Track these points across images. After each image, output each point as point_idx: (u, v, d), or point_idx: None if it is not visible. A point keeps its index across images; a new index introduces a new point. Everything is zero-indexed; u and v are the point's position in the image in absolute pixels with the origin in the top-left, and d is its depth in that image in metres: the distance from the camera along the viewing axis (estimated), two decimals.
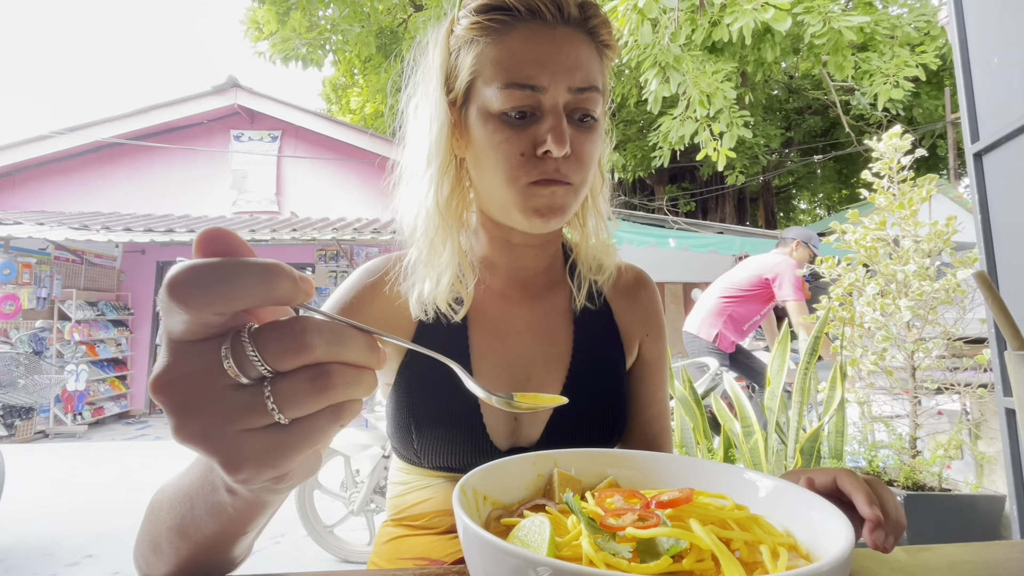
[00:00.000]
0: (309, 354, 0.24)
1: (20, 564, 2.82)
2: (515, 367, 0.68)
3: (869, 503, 0.46)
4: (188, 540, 0.39)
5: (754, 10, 4.11)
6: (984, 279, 0.51)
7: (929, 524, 2.18)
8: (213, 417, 0.24)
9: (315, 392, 0.24)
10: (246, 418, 0.24)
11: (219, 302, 0.23)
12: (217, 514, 0.36)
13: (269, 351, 0.24)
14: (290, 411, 0.24)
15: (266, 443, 0.24)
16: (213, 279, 0.23)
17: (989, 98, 1.57)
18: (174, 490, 0.41)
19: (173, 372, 0.24)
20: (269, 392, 0.24)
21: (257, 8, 6.51)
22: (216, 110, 7.85)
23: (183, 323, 0.24)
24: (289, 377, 0.24)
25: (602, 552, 0.32)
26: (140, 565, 0.45)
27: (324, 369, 0.24)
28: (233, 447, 0.24)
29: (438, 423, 0.64)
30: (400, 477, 0.70)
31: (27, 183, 7.69)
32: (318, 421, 0.25)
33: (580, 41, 0.61)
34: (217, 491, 0.34)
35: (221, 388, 0.24)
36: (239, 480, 0.25)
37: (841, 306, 2.76)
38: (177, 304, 0.23)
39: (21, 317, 6.25)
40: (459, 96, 0.63)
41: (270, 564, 2.84)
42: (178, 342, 0.24)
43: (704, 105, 4.78)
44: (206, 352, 0.24)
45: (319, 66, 7.71)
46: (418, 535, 0.66)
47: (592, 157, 0.62)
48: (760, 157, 11.20)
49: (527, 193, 0.60)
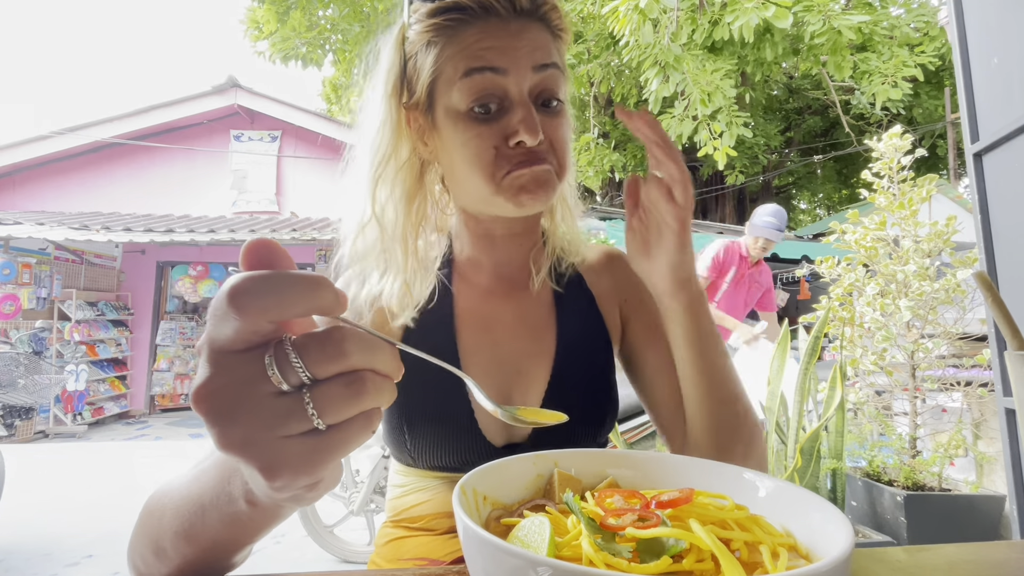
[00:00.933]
0: (346, 361, 0.25)
1: (20, 564, 2.82)
2: (504, 362, 0.68)
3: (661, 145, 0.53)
4: (195, 546, 0.39)
5: (755, 8, 4.11)
6: (984, 279, 0.51)
7: (929, 524, 2.18)
8: (255, 424, 0.25)
9: (350, 397, 0.25)
10: (287, 424, 0.25)
11: (273, 310, 0.24)
12: (231, 524, 0.36)
13: (311, 358, 0.25)
14: (328, 416, 0.25)
15: (304, 449, 0.25)
16: (268, 289, 0.24)
17: (989, 98, 1.57)
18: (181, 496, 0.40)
19: (215, 382, 0.25)
20: (309, 398, 0.25)
21: (257, 8, 6.51)
22: (216, 110, 7.86)
23: (233, 331, 0.25)
24: (327, 384, 0.25)
25: (602, 552, 0.32)
26: (137, 566, 0.45)
27: (359, 376, 0.26)
28: (273, 453, 0.25)
29: (430, 423, 0.64)
30: (398, 479, 0.70)
31: (27, 183, 7.70)
32: (352, 427, 0.26)
33: (535, 28, 0.62)
34: (235, 502, 0.34)
35: (263, 396, 0.25)
36: (276, 487, 0.25)
37: (841, 306, 2.76)
38: (235, 312, 0.24)
39: (21, 317, 6.26)
40: (422, 100, 0.63)
41: (270, 564, 2.85)
42: (221, 352, 0.25)
43: (704, 103, 4.78)
44: (249, 361, 0.25)
45: (319, 65, 7.71)
46: (417, 536, 0.66)
47: (566, 141, 0.63)
48: (760, 157, 11.20)
49: (508, 180, 0.60)
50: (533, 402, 0.67)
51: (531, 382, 0.68)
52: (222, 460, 0.37)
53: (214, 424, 0.25)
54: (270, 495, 0.28)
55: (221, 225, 6.80)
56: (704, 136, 4.99)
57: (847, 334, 2.71)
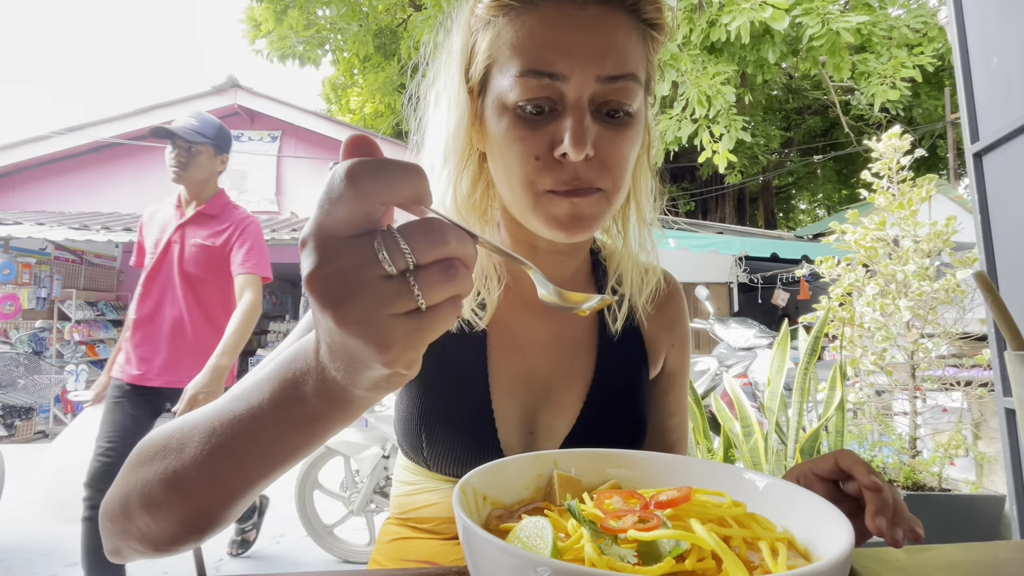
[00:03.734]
0: (446, 247, 0.28)
1: (20, 564, 2.82)
2: (533, 381, 0.65)
3: (868, 473, 0.46)
4: (239, 462, 0.36)
5: (752, 9, 4.11)
6: (984, 279, 0.51)
7: (929, 524, 2.17)
8: (368, 304, 0.27)
9: (447, 281, 0.28)
10: (396, 303, 0.27)
11: (386, 192, 0.27)
12: (299, 427, 0.35)
13: (416, 244, 0.27)
14: (431, 297, 0.28)
15: (410, 326, 0.28)
16: (381, 172, 0.27)
17: (989, 98, 1.57)
18: (214, 419, 0.38)
19: (328, 267, 0.27)
20: (414, 281, 0.27)
21: (255, 7, 6.51)
22: (216, 110, 7.85)
23: (348, 213, 0.27)
24: (427, 269, 0.28)
25: (606, 557, 0.32)
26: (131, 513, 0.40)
27: (452, 263, 0.28)
28: (386, 329, 0.27)
29: (450, 431, 0.62)
30: (406, 476, 0.68)
31: (27, 183, 7.69)
32: (444, 309, 0.29)
33: (616, 22, 0.52)
34: (305, 403, 0.34)
35: (374, 278, 0.27)
36: (386, 360, 0.28)
37: (841, 306, 2.76)
38: (353, 191, 0.26)
39: (21, 317, 6.26)
40: (476, 85, 0.58)
41: (270, 564, 2.85)
42: (331, 238, 0.27)
43: (703, 104, 4.78)
44: (360, 246, 0.27)
45: (316, 64, 7.71)
46: (423, 538, 0.65)
47: (624, 159, 0.55)
48: (760, 157, 11.20)
49: (544, 202, 0.54)
50: (562, 428, 0.64)
51: (561, 405, 0.65)
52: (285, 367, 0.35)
53: (328, 304, 0.27)
54: (368, 377, 0.30)
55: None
56: (704, 139, 4.99)
57: (847, 334, 2.71)
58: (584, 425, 0.64)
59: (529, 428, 0.64)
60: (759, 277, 7.67)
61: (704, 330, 4.79)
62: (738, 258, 7.65)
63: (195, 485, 0.38)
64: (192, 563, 2.80)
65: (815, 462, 0.50)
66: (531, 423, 0.64)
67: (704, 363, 4.28)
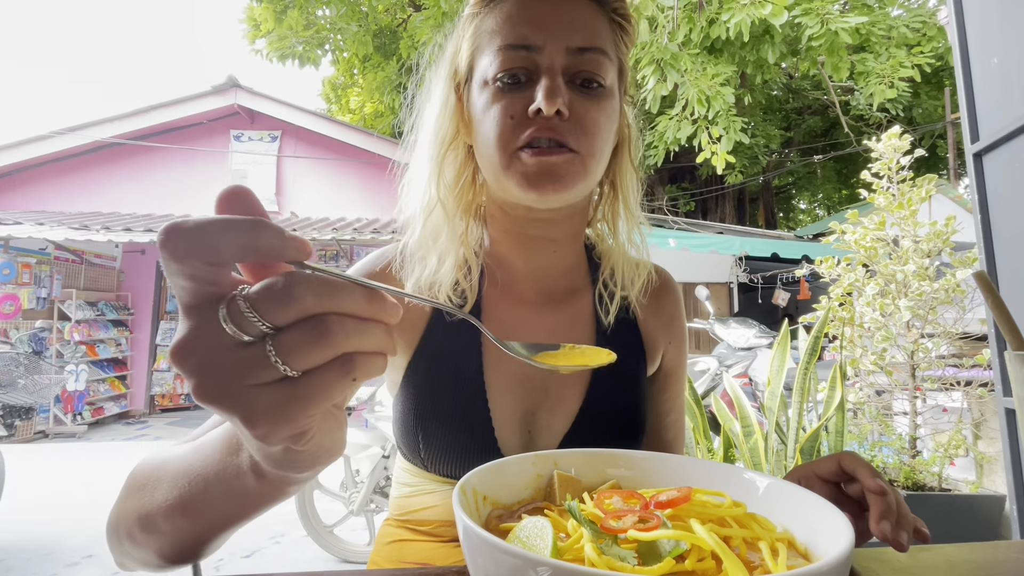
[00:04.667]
0: (299, 305, 0.25)
1: (20, 564, 2.82)
2: (531, 380, 0.64)
3: (873, 475, 0.46)
4: (193, 519, 0.38)
5: (751, 5, 4.11)
6: (984, 279, 0.51)
7: (929, 524, 2.16)
8: (225, 375, 0.25)
9: (313, 342, 0.25)
10: (254, 373, 0.25)
11: (204, 252, 0.24)
12: (237, 497, 0.35)
13: (262, 306, 0.24)
14: (294, 363, 0.25)
15: (279, 397, 0.25)
16: (198, 231, 0.24)
17: (989, 98, 1.57)
18: (179, 468, 0.40)
19: (186, 338, 0.25)
20: (271, 346, 0.25)
21: (255, 7, 6.51)
22: (216, 110, 7.85)
23: (182, 279, 0.25)
24: (288, 331, 0.25)
25: (606, 557, 0.32)
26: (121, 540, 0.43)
27: (321, 319, 0.25)
28: (248, 402, 0.25)
29: (447, 432, 0.62)
30: (405, 478, 0.67)
31: (27, 183, 7.69)
32: (327, 373, 0.26)
33: (583, 4, 0.58)
34: (242, 476, 0.34)
35: (228, 348, 0.25)
36: (258, 435, 0.25)
37: (841, 306, 2.76)
38: (169, 255, 0.24)
39: (21, 317, 6.25)
40: (463, 77, 0.62)
41: (270, 564, 2.85)
42: (187, 307, 0.26)
43: (702, 104, 4.78)
44: (208, 315, 0.25)
45: (316, 65, 7.71)
46: (423, 541, 0.65)
47: (598, 125, 0.57)
48: (760, 157, 11.20)
49: (516, 162, 0.56)
50: (560, 426, 0.64)
51: (559, 404, 0.65)
52: (228, 433, 0.36)
53: (189, 377, 0.25)
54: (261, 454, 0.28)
55: None
56: (703, 140, 4.99)
57: (847, 334, 2.71)
58: (583, 423, 0.64)
59: (527, 427, 0.64)
60: (759, 277, 7.66)
61: (704, 330, 4.79)
62: (738, 258, 7.64)
63: (162, 528, 0.40)
64: None
65: (817, 463, 0.50)
66: (529, 421, 0.64)
67: (704, 363, 4.28)
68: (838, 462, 0.49)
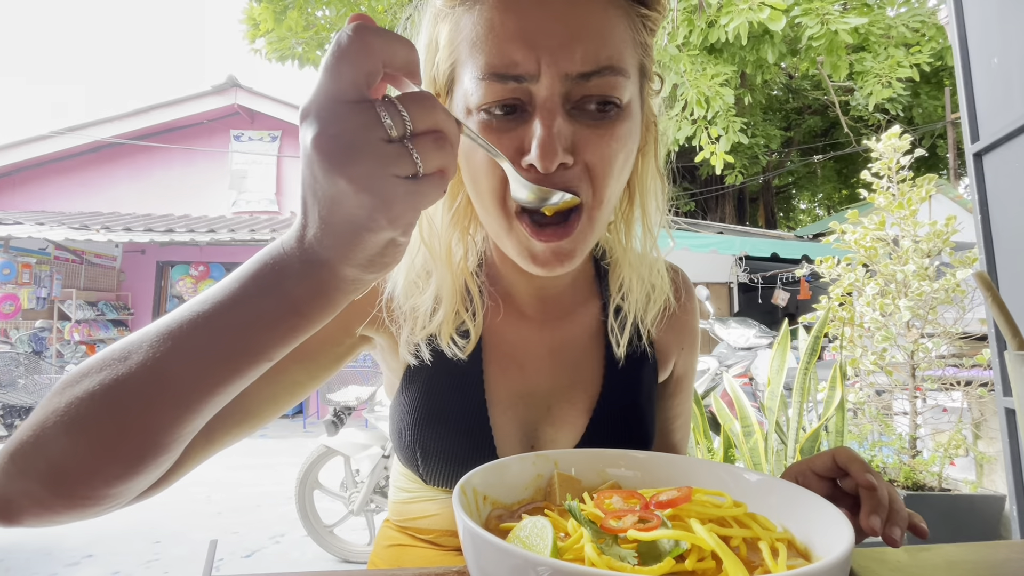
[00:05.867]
0: (437, 117, 0.31)
1: (20, 564, 2.82)
2: (533, 396, 0.61)
3: (865, 471, 0.46)
4: (194, 361, 0.33)
5: (750, 9, 4.11)
6: (984, 279, 0.51)
7: (929, 524, 2.17)
8: (373, 164, 0.29)
9: (438, 149, 0.31)
10: (398, 164, 0.30)
11: (388, 51, 0.30)
12: (268, 321, 0.32)
13: (413, 111, 0.30)
14: (426, 162, 0.30)
15: (409, 188, 0.30)
16: (385, 33, 0.30)
17: (989, 98, 1.57)
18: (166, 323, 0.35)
19: (333, 128, 0.29)
20: (412, 146, 0.30)
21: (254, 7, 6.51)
22: (216, 110, 7.86)
23: (353, 71, 0.29)
24: (422, 137, 0.31)
25: (606, 557, 0.32)
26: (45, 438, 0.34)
27: (443, 133, 0.31)
28: (390, 188, 0.30)
29: (446, 449, 0.59)
30: (404, 483, 0.65)
31: (27, 183, 7.69)
32: (434, 179, 0.31)
33: (589, 2, 0.45)
34: (286, 290, 0.32)
35: (377, 141, 0.29)
36: (390, 217, 0.30)
37: (841, 306, 2.76)
38: (360, 44, 0.29)
39: (21, 317, 6.26)
40: (442, 89, 0.52)
41: (270, 564, 2.85)
42: (336, 101, 0.29)
43: (701, 106, 4.78)
44: (362, 111, 0.29)
45: (316, 65, 7.70)
46: (423, 548, 0.63)
47: (609, 163, 0.47)
48: (760, 157, 11.20)
49: (518, 231, 0.49)
50: (566, 443, 0.61)
51: (564, 421, 0.61)
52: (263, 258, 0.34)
53: (336, 164, 0.29)
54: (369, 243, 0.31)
55: (221, 225, 6.79)
56: (702, 140, 4.99)
57: (847, 334, 2.71)
58: (590, 440, 0.61)
59: (530, 444, 0.61)
60: (759, 277, 7.66)
61: (704, 330, 4.80)
62: (738, 258, 7.65)
63: (135, 394, 0.33)
64: (192, 564, 2.80)
65: (813, 460, 0.50)
66: (532, 439, 0.61)
67: (704, 363, 4.28)
68: (832, 457, 0.49)
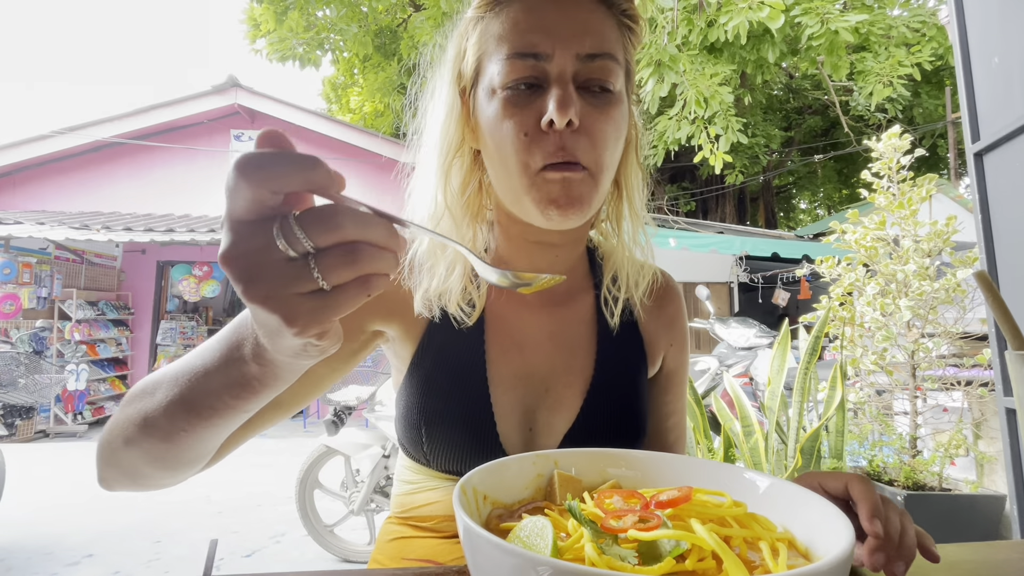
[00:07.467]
0: (340, 232, 0.30)
1: (20, 564, 2.82)
2: (532, 378, 0.65)
3: (871, 516, 0.43)
4: (192, 412, 0.42)
5: (749, 8, 4.11)
6: (984, 279, 0.51)
7: (929, 524, 2.18)
8: (273, 283, 0.30)
9: (347, 264, 0.30)
10: (297, 283, 0.30)
11: (273, 180, 0.29)
12: (236, 386, 0.39)
13: (311, 230, 0.30)
14: (330, 278, 0.30)
15: (314, 304, 0.31)
16: (269, 163, 0.29)
17: (989, 98, 1.57)
18: (179, 369, 0.44)
19: (238, 248, 0.30)
20: (314, 264, 0.30)
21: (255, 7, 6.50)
22: (216, 110, 7.85)
23: (244, 200, 0.29)
24: (327, 252, 0.30)
25: (606, 556, 0.32)
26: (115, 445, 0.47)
27: (354, 246, 0.31)
28: (290, 307, 0.30)
29: (450, 428, 0.62)
30: (408, 475, 0.68)
31: (27, 183, 7.69)
32: (350, 288, 0.31)
33: (591, 7, 0.57)
34: (244, 364, 0.38)
35: (276, 260, 0.30)
36: (294, 331, 0.31)
37: (841, 306, 2.76)
38: (241, 179, 0.29)
39: (21, 317, 6.25)
40: (468, 82, 0.61)
41: (270, 564, 2.85)
42: (239, 222, 0.30)
43: (700, 105, 4.78)
44: (261, 231, 0.30)
45: (316, 66, 7.71)
46: (424, 537, 0.65)
47: (608, 136, 0.56)
48: (760, 157, 11.20)
49: (539, 181, 0.55)
50: (562, 425, 0.64)
51: (561, 403, 0.65)
52: (232, 331, 0.41)
53: (240, 281, 0.30)
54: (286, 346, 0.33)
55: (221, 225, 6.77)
56: (701, 140, 4.99)
57: (847, 334, 2.71)
58: (584, 422, 0.64)
59: (528, 424, 0.64)
60: (759, 277, 7.66)
61: (704, 330, 4.79)
62: (738, 258, 7.64)
63: (159, 425, 0.44)
64: (192, 564, 2.80)
65: (827, 477, 0.49)
66: (530, 419, 0.64)
67: (704, 363, 4.28)
68: (846, 486, 0.47)
